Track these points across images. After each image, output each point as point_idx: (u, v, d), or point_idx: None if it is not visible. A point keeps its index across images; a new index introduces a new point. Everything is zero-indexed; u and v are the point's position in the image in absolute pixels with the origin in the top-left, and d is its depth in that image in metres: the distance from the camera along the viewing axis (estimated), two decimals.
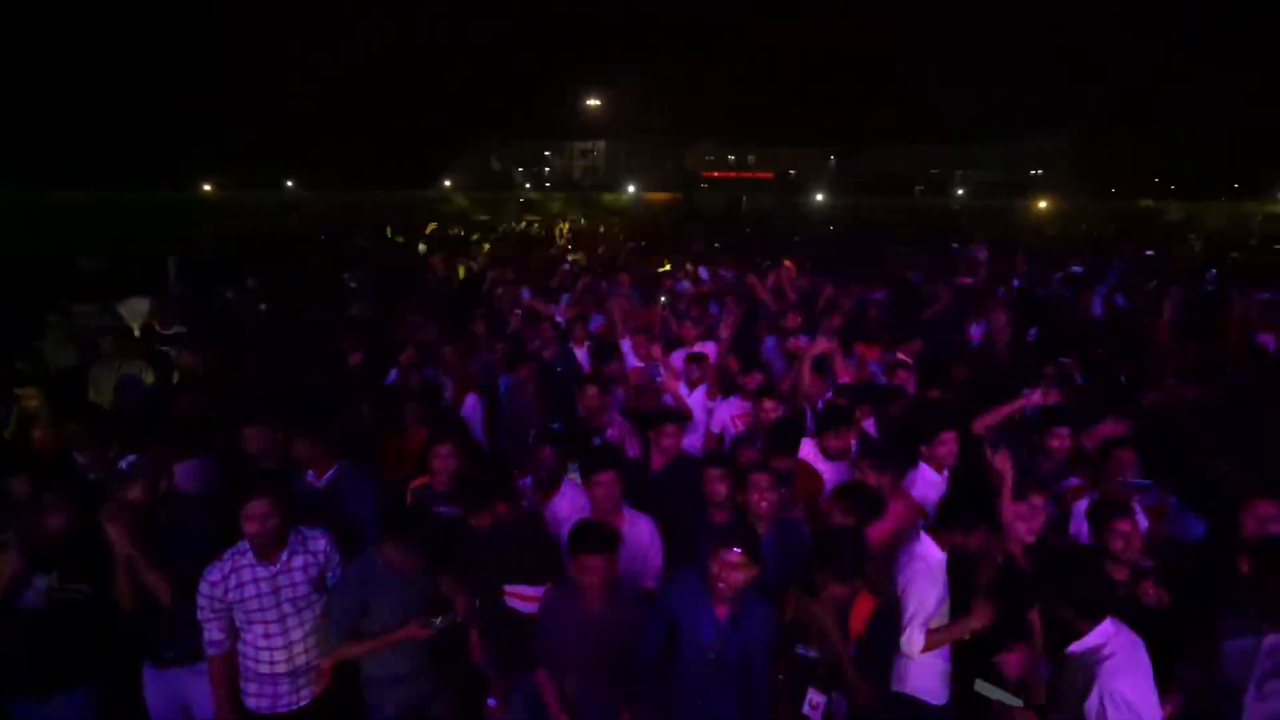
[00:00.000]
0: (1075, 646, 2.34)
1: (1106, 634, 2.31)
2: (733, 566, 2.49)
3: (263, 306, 7.85)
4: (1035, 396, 3.83)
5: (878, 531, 3.12)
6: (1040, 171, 61.73)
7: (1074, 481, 3.51)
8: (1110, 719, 2.19)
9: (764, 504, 3.11)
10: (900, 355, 5.16)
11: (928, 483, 3.53)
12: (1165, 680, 2.38)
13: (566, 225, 19.13)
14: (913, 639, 2.73)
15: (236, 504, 2.68)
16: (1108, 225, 23.02)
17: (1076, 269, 10.38)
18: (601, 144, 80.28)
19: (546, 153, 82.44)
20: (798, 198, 47.67)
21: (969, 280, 8.58)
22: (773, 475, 3.16)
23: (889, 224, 25.09)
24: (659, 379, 4.86)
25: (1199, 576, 2.89)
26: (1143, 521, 3.12)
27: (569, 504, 3.35)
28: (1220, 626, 2.52)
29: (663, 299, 7.05)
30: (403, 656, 2.81)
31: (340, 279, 9.44)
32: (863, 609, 2.64)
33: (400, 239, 16.62)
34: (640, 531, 3.20)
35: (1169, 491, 3.33)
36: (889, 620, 2.72)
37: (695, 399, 4.75)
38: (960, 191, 55.51)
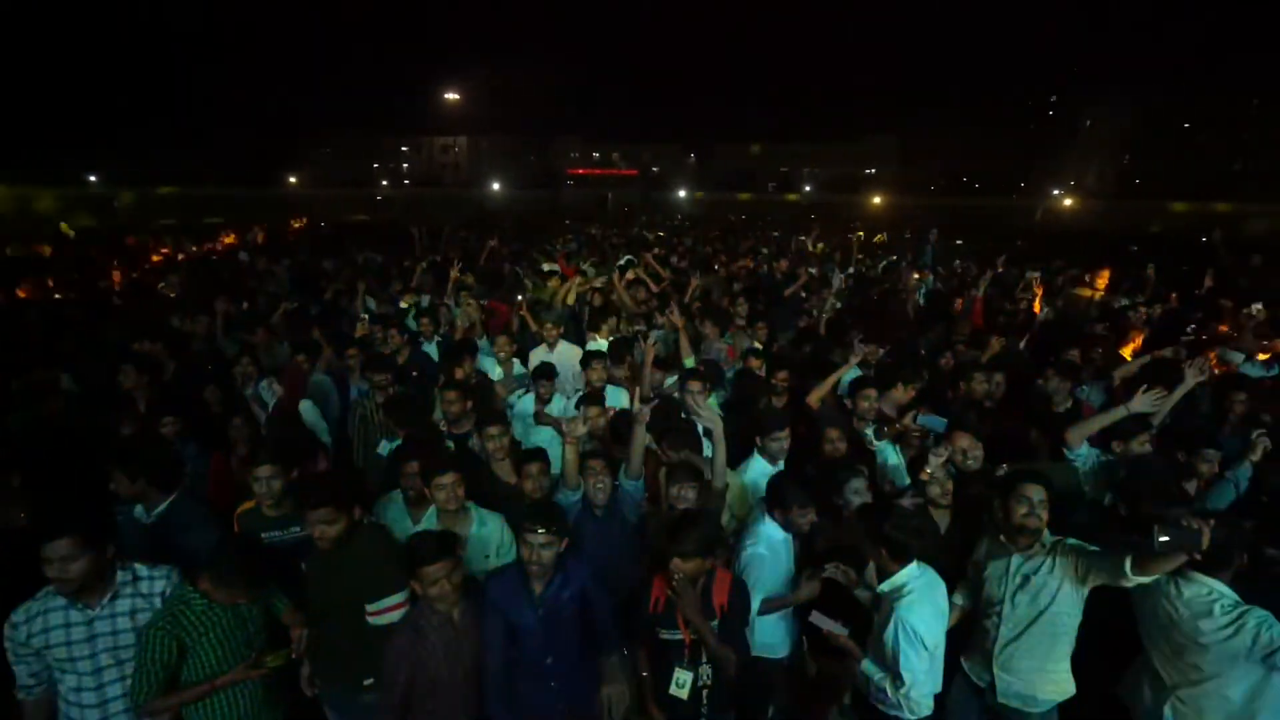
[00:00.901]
0: (884, 585, 2.65)
1: (911, 574, 2.62)
2: (541, 546, 2.54)
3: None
4: (847, 367, 4.26)
5: None
6: (873, 170, 68.24)
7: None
8: (901, 647, 2.52)
9: (600, 493, 3.23)
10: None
11: (760, 473, 3.65)
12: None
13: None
14: (750, 609, 2.90)
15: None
16: (927, 218, 25.99)
17: (895, 258, 11.78)
18: (463, 140, 77.69)
19: (404, 148, 78.36)
20: (661, 194, 49.08)
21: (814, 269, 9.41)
22: (605, 461, 3.27)
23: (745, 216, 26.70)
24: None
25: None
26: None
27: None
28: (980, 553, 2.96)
29: (520, 297, 7.01)
30: (232, 703, 2.60)
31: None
32: (723, 583, 2.76)
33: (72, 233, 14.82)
34: (491, 531, 3.18)
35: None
36: (746, 591, 2.87)
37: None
38: (808, 188, 59.97)
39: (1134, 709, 2.80)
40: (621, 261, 10.34)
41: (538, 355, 5.32)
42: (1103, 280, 9.31)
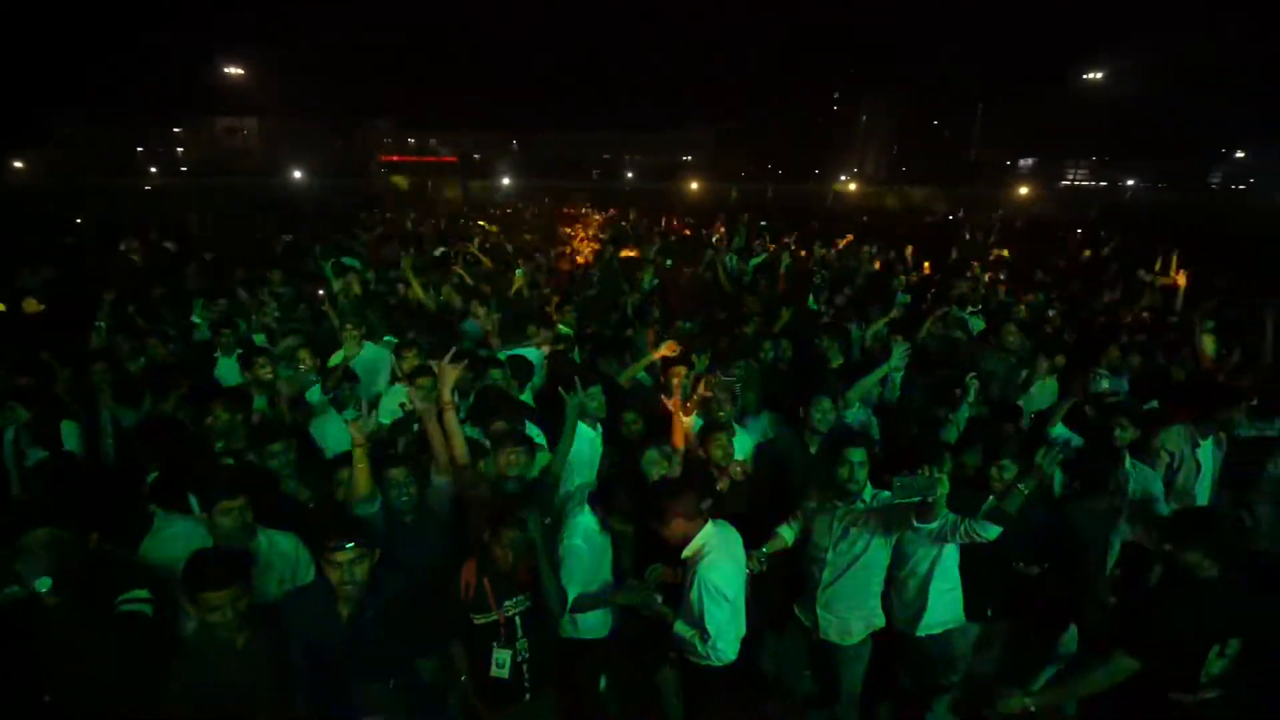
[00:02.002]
0: (686, 550, 2.81)
1: (708, 534, 2.81)
2: (351, 563, 2.38)
3: None
4: (663, 348, 4.50)
5: None
6: (690, 158, 72.05)
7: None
8: (705, 604, 2.71)
9: (405, 501, 3.07)
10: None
11: (582, 439, 3.71)
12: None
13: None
14: (565, 600, 2.92)
15: None
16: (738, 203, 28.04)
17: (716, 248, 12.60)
18: (253, 122, 68.93)
19: (177, 129, 67.65)
20: (484, 181, 47.48)
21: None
22: (407, 468, 3.10)
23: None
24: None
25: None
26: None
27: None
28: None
29: (320, 292, 6.44)
30: None
31: None
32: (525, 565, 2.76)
33: None
34: (283, 551, 2.92)
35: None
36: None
37: None
38: (630, 175, 61.70)
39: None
40: (437, 253, 9.91)
41: (337, 358, 4.90)
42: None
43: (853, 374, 4.30)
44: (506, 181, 45.75)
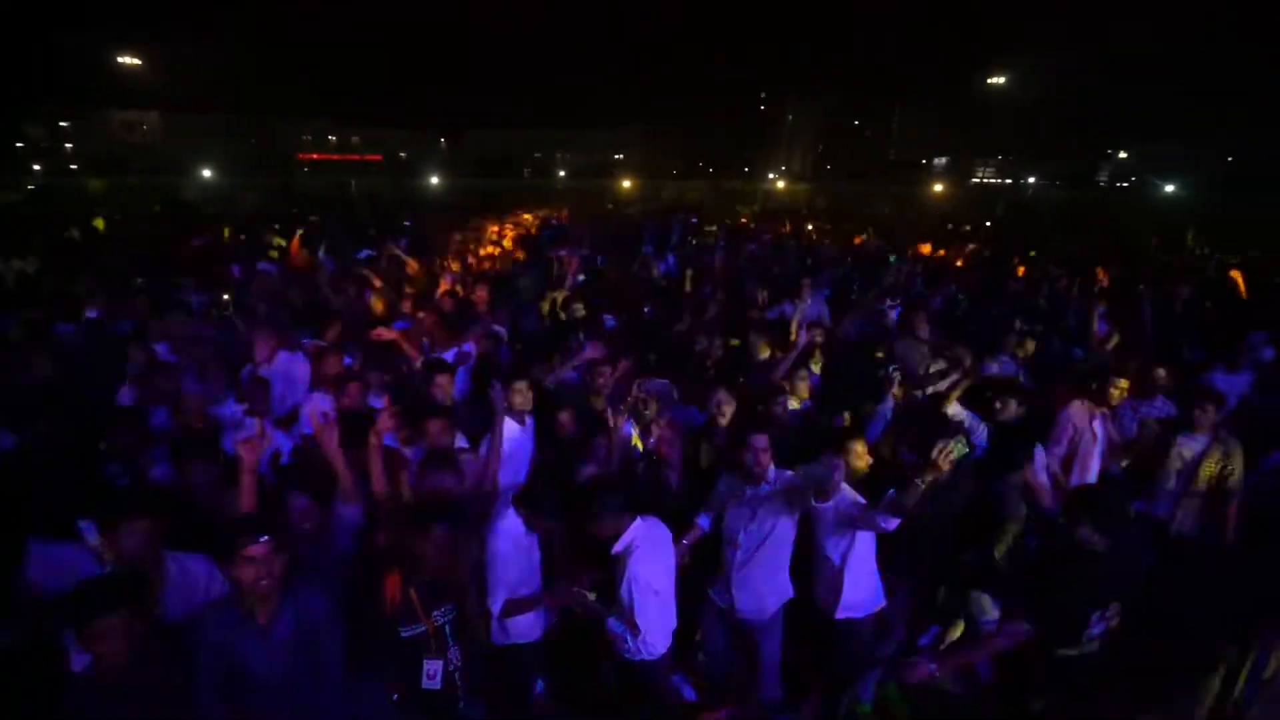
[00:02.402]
0: (615, 548, 2.84)
1: (635, 530, 2.83)
2: (263, 560, 2.23)
3: None
4: (590, 349, 4.51)
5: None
6: (621, 156, 72.28)
7: None
8: (636, 599, 2.75)
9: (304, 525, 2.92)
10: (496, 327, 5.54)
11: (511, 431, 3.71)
12: None
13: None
14: (494, 606, 2.92)
15: None
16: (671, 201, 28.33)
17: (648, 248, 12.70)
18: (154, 116, 64.47)
19: (64, 123, 62.37)
20: (411, 180, 46.10)
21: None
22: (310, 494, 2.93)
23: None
24: None
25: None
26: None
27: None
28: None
29: (225, 297, 6.10)
30: None
31: None
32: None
33: None
34: (195, 572, 2.75)
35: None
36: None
37: None
38: (562, 173, 61.39)
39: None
40: (362, 255, 9.54)
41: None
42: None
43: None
44: (435, 181, 44.58)
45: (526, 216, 18.93)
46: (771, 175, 53.30)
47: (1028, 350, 5.37)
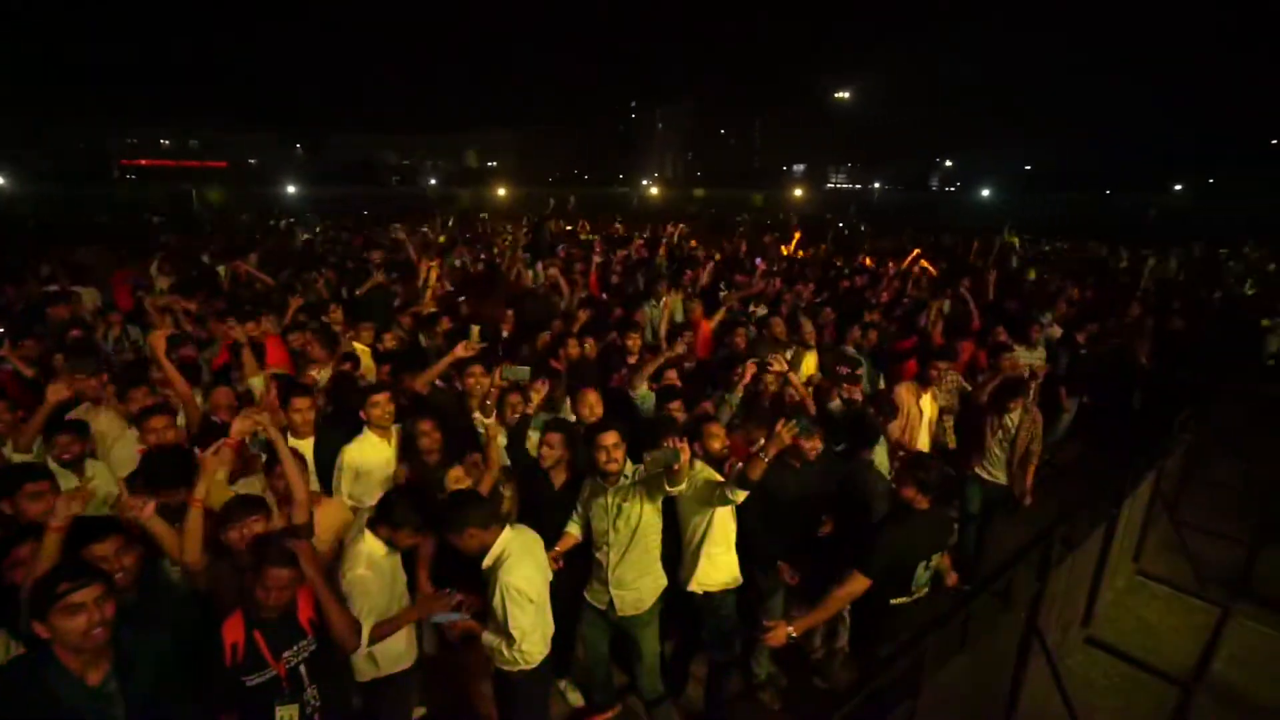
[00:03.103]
0: (485, 561, 2.79)
1: (506, 539, 2.81)
2: (94, 604, 1.98)
3: None
4: (459, 349, 4.39)
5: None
6: (495, 163, 70.89)
7: None
8: (510, 609, 2.71)
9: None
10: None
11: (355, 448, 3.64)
12: None
13: None
14: (361, 632, 2.73)
15: None
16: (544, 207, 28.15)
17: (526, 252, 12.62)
18: None
19: None
20: (263, 189, 42.48)
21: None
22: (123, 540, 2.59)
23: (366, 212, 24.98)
24: None
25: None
26: None
27: None
28: None
29: None
30: None
31: None
32: (310, 596, 2.54)
33: None
34: None
35: None
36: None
37: None
38: (433, 181, 59.10)
39: None
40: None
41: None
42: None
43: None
44: (291, 190, 41.38)
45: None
46: (645, 181, 54.71)
47: (870, 339, 5.94)
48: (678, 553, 3.43)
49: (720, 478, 3.25)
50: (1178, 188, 42.09)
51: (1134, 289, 9.31)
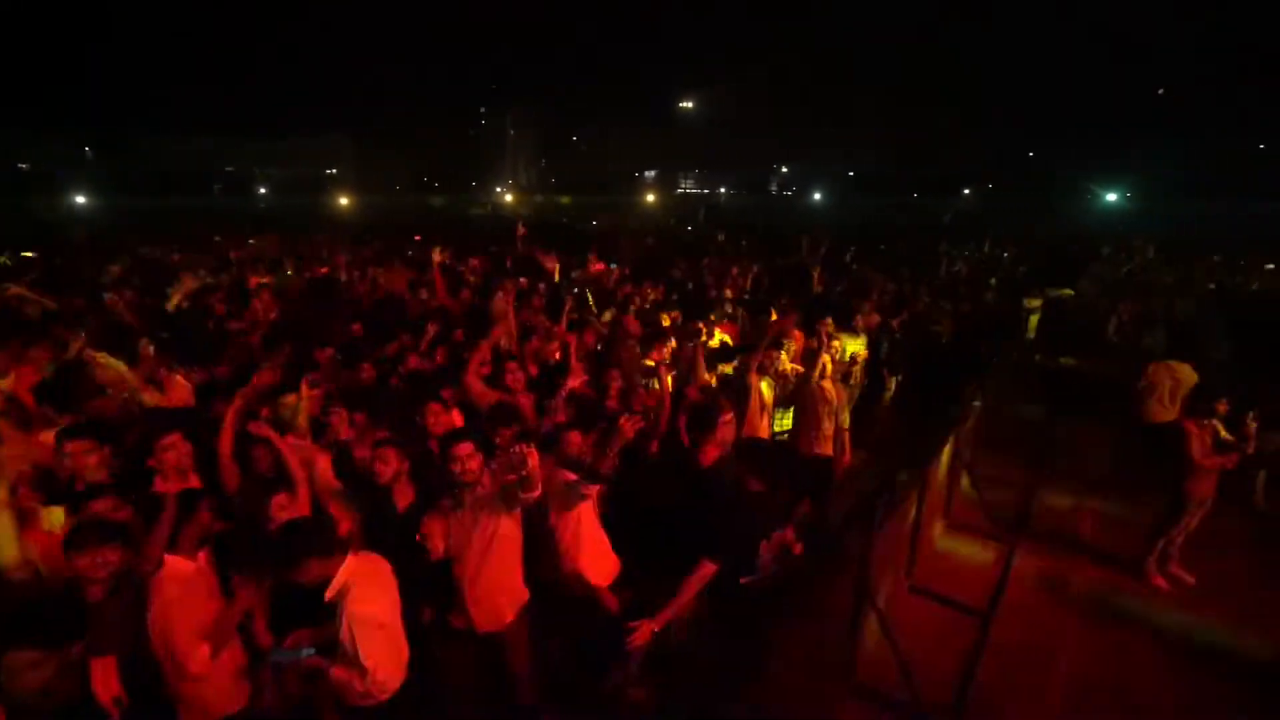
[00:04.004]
0: (328, 593, 2.61)
1: (348, 569, 2.65)
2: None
3: None
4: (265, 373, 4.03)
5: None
6: (334, 171, 65.77)
7: None
8: (359, 639, 2.56)
9: None
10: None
11: None
12: None
13: None
14: (191, 657, 2.55)
15: None
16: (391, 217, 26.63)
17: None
18: None
19: None
20: (48, 198, 36.19)
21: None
22: None
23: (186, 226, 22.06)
24: None
25: None
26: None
27: None
28: None
29: None
30: None
31: None
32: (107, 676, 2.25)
33: None
34: None
35: None
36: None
37: None
38: (264, 190, 53.62)
39: None
40: None
41: None
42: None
43: None
44: (81, 200, 35.68)
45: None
46: (499, 189, 53.69)
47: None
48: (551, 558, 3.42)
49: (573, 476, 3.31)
50: (966, 192, 48.99)
51: (931, 281, 10.72)
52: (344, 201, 37.91)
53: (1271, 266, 14.83)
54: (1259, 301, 10.22)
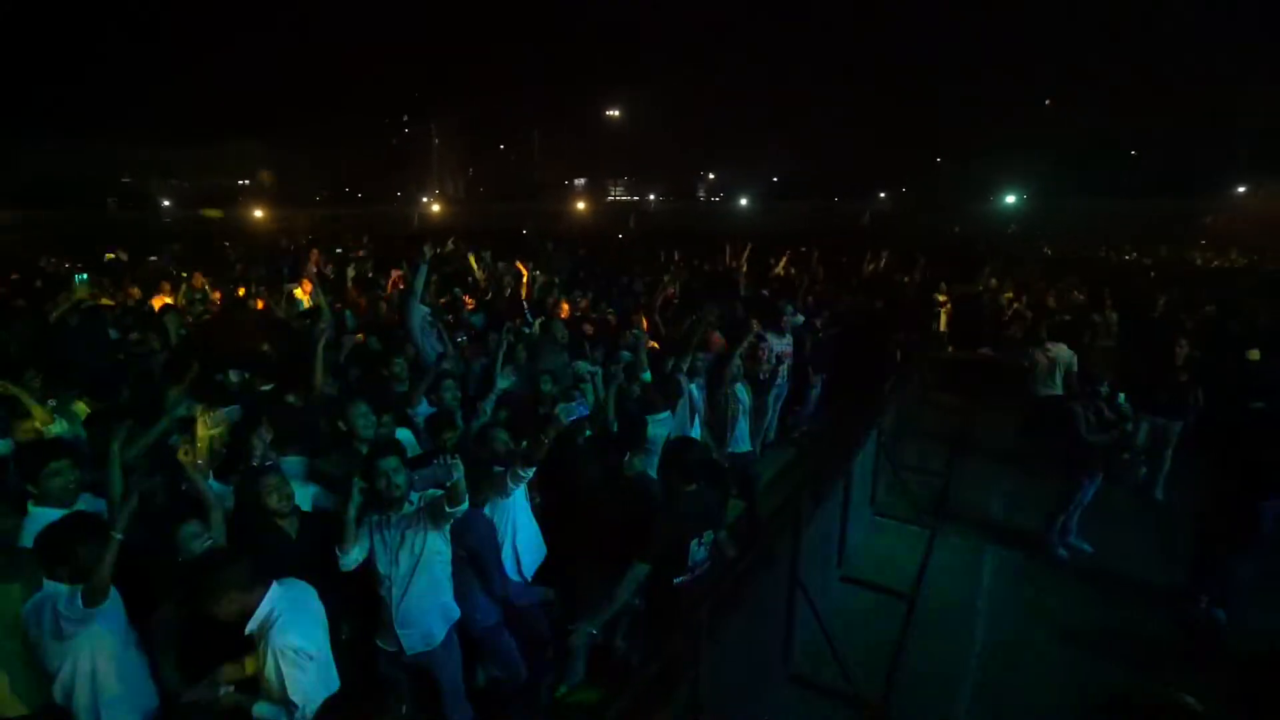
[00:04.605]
0: (250, 625, 2.47)
1: (271, 598, 2.51)
2: None
3: None
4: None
5: None
6: (247, 181, 62.32)
7: None
8: (288, 673, 2.41)
9: None
10: None
11: None
12: None
13: None
14: None
15: None
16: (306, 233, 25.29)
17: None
18: None
19: None
20: None
21: None
22: None
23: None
24: None
25: None
26: None
27: None
28: None
29: None
30: None
31: None
32: None
33: None
34: None
35: None
36: None
37: None
38: (167, 202, 50.00)
39: None
40: None
41: None
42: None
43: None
44: None
45: None
46: (425, 199, 52.26)
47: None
48: None
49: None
50: (882, 195, 51.54)
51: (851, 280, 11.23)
52: (259, 214, 35.96)
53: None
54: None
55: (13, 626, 2.54)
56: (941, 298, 9.07)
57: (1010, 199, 38.94)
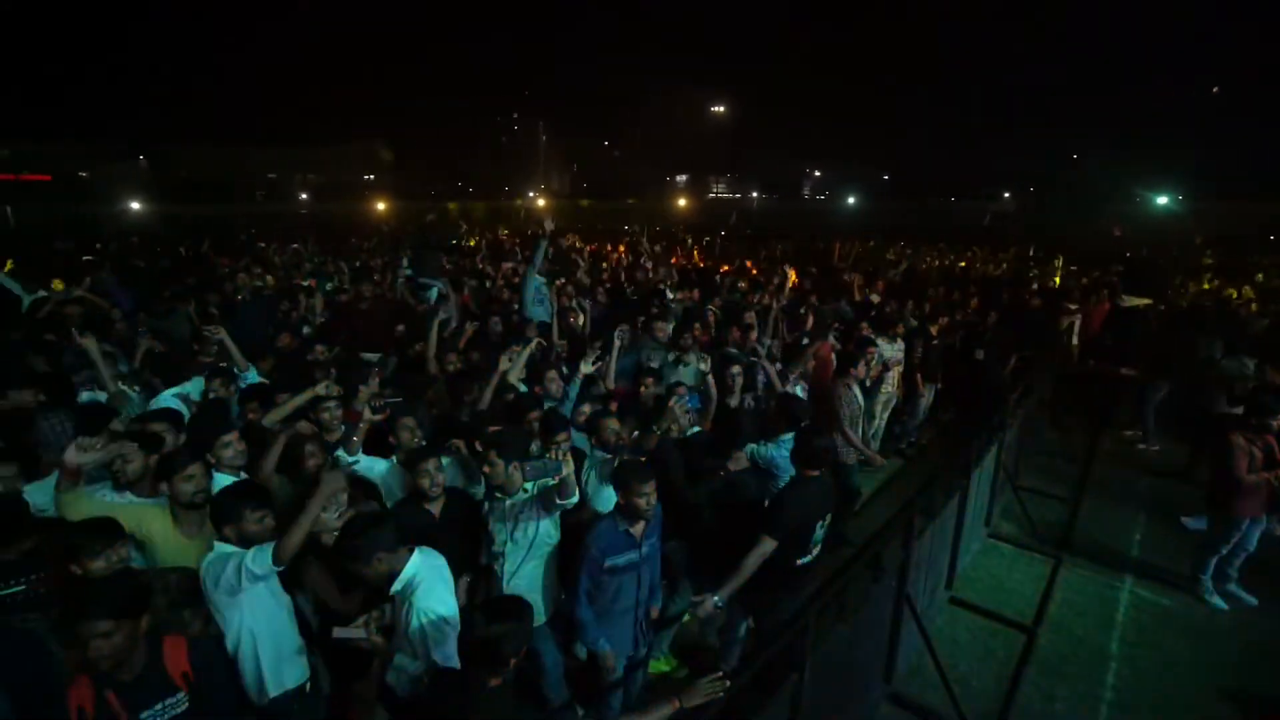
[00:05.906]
0: (396, 586, 2.64)
1: (415, 564, 2.66)
2: None
3: None
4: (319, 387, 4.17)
5: None
6: (372, 176, 67.32)
7: None
8: (428, 633, 2.58)
9: None
10: None
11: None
12: None
13: None
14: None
15: None
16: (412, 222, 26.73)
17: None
18: None
19: None
20: (97, 207, 37.70)
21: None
22: None
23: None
24: None
25: None
26: None
27: None
28: None
29: None
30: None
31: None
32: (178, 648, 2.28)
33: None
34: None
35: None
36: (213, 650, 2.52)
37: None
38: (304, 196, 55.02)
39: None
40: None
41: None
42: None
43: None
44: (136, 206, 37.14)
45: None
46: (532, 194, 54.22)
47: (750, 341, 6.28)
48: None
49: None
50: (1006, 195, 47.77)
51: (974, 286, 10.48)
52: (381, 206, 38.67)
53: None
54: None
55: None
56: (1073, 306, 8.25)
57: (1162, 200, 34.64)
